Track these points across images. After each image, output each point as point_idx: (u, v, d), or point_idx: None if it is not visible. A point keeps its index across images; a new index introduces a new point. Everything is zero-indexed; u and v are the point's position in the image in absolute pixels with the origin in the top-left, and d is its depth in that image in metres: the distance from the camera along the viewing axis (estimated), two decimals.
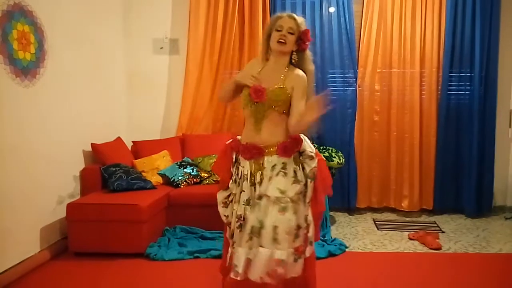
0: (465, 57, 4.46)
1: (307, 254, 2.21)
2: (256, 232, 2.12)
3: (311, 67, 2.27)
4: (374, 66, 4.57)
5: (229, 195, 2.35)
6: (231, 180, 2.31)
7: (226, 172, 2.33)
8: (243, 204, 2.20)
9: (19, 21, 3.10)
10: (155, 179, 4.03)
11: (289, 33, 2.17)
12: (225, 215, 2.36)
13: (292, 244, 2.11)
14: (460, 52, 4.46)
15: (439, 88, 4.53)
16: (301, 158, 2.24)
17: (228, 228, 2.35)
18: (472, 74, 4.45)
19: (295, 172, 2.19)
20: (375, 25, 4.50)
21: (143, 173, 3.99)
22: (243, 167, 2.24)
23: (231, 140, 2.38)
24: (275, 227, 2.09)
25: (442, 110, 4.51)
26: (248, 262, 2.13)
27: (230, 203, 2.34)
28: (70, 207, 3.34)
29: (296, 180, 2.18)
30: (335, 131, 4.60)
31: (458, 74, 4.50)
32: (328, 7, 4.55)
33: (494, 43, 4.39)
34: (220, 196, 2.39)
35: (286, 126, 2.20)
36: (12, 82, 3.04)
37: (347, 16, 4.49)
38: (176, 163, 4.18)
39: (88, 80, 4.04)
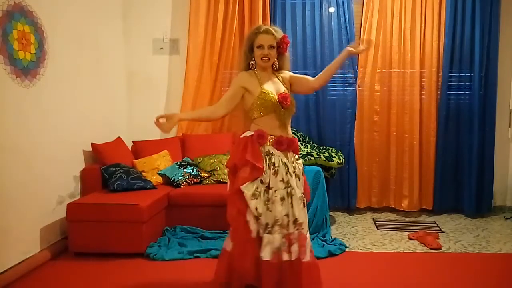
0: (465, 57, 4.46)
1: None
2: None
3: (289, 66, 2.59)
4: (374, 66, 4.57)
5: (257, 187, 2.37)
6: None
7: (261, 161, 2.38)
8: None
9: (20, 21, 3.10)
10: (155, 179, 4.03)
11: (270, 47, 2.40)
12: (255, 208, 2.35)
13: None
14: (460, 52, 4.46)
15: (439, 88, 4.53)
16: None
17: (255, 220, 2.36)
18: (472, 74, 4.45)
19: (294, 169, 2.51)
20: (375, 25, 4.51)
21: (143, 173, 3.99)
22: (278, 156, 2.41)
23: (251, 133, 2.42)
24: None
25: (442, 110, 4.51)
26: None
27: (259, 194, 2.37)
28: (70, 207, 3.34)
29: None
30: (335, 131, 4.62)
31: (458, 74, 4.51)
32: (328, 7, 4.55)
33: (494, 43, 4.39)
34: (249, 189, 2.36)
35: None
36: (13, 82, 3.04)
37: (347, 16, 4.50)
38: (176, 163, 4.18)
39: (88, 80, 4.04)
